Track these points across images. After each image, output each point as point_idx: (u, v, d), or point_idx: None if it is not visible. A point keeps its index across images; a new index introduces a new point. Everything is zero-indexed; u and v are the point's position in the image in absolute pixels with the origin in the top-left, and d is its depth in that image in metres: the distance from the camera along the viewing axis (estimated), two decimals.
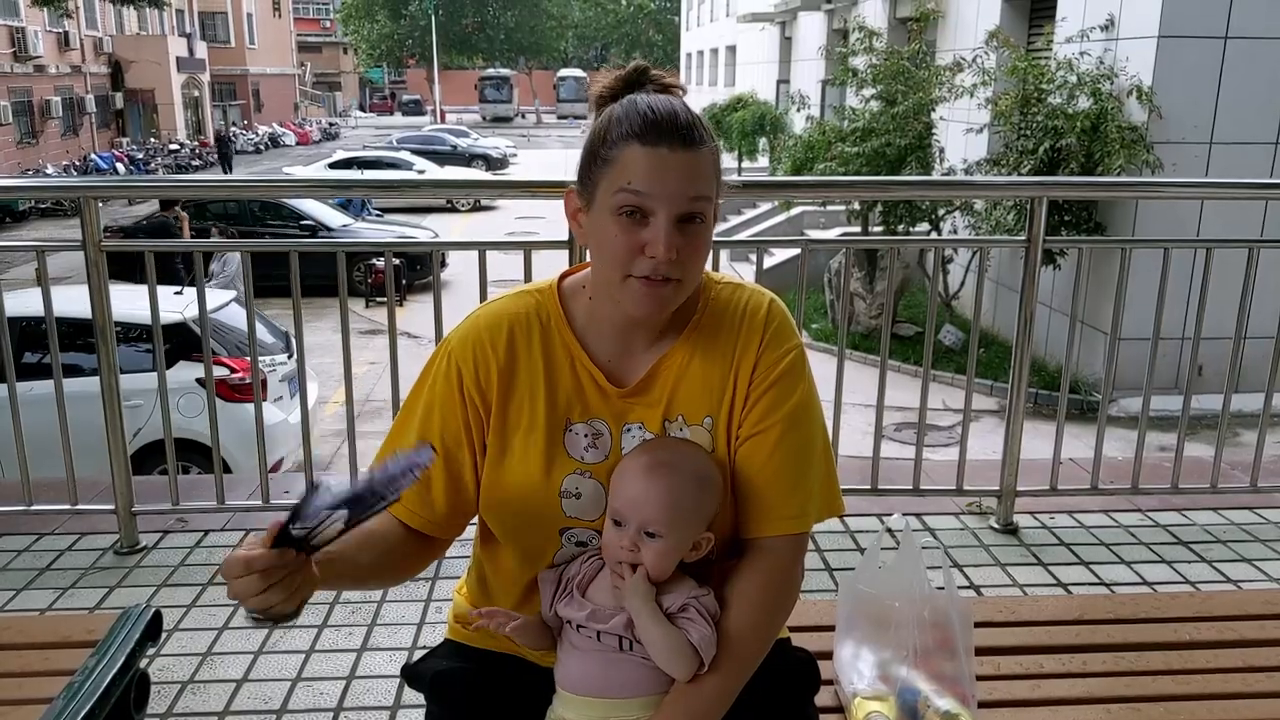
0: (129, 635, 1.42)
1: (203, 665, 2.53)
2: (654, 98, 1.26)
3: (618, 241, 1.23)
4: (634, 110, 1.24)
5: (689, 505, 1.26)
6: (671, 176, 1.21)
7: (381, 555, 1.32)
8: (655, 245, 1.21)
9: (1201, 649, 1.84)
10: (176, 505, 3.22)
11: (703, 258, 1.28)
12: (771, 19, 23.09)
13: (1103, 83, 9.13)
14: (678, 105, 1.26)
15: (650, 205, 1.22)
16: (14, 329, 3.29)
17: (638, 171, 1.21)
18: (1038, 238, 3.07)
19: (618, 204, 1.23)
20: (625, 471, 1.29)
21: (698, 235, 1.25)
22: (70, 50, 32.66)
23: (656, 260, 1.22)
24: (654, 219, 1.22)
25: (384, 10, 58.77)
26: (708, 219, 1.26)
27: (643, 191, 1.21)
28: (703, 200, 1.24)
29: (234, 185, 6.13)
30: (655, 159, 1.21)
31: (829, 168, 10.93)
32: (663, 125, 1.22)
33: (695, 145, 1.23)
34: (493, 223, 20.56)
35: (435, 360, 1.37)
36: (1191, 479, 3.42)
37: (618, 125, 1.24)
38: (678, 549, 1.27)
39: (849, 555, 3.13)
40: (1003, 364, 9.22)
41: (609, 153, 1.24)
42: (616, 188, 1.22)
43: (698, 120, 1.25)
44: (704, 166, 1.24)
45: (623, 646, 1.28)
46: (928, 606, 1.56)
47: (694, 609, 1.26)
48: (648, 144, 1.21)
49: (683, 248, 1.23)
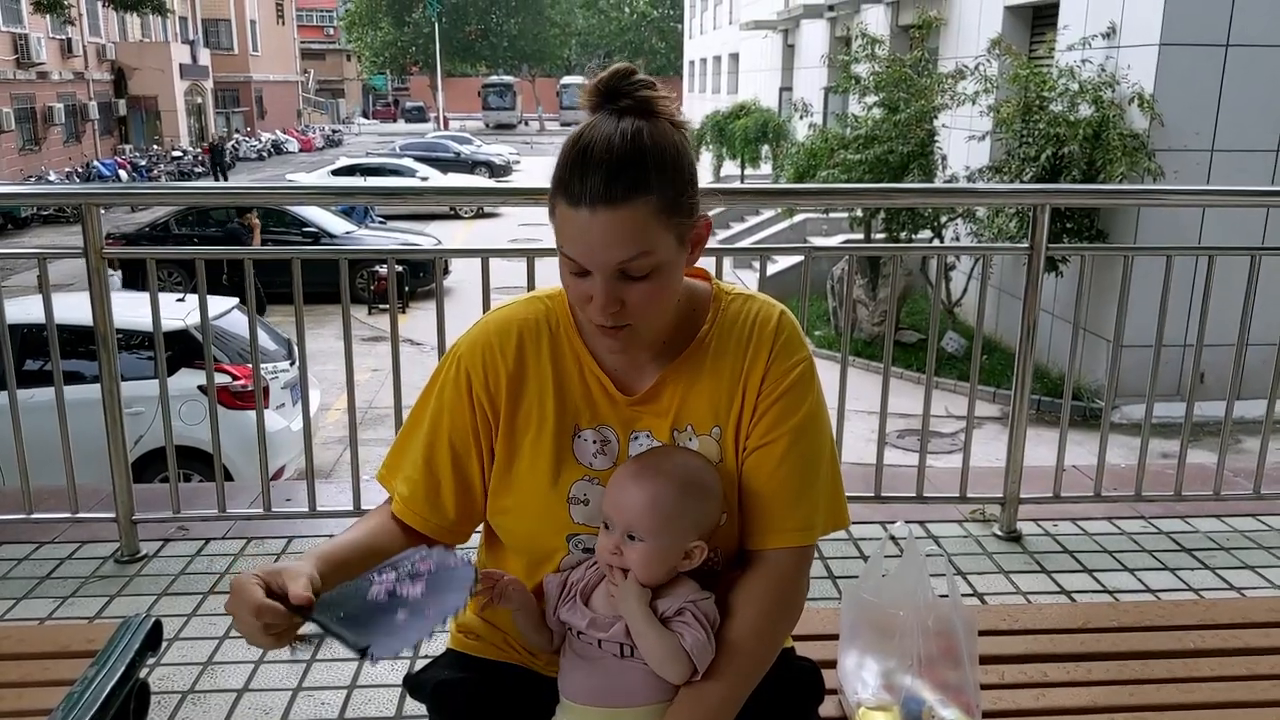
0: (129, 645, 1.42)
1: (203, 675, 2.52)
2: (598, 135, 1.19)
3: (571, 289, 1.25)
4: (569, 155, 1.20)
5: (670, 510, 1.25)
6: (596, 241, 1.18)
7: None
8: (598, 299, 1.21)
9: (1206, 657, 1.83)
10: (177, 513, 3.21)
11: (657, 303, 1.24)
12: (774, 27, 23.13)
13: (1104, 90, 9.14)
14: (617, 146, 1.17)
15: (585, 265, 1.20)
16: (15, 336, 3.29)
17: (567, 234, 1.20)
18: (1040, 245, 3.07)
19: (562, 257, 1.23)
20: (615, 476, 1.30)
21: (643, 285, 1.21)
22: (73, 57, 32.76)
23: (603, 312, 1.22)
24: (593, 277, 1.21)
25: (387, 17, 58.91)
26: (657, 265, 1.21)
27: (572, 256, 1.21)
28: (638, 257, 1.19)
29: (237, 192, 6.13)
30: (580, 222, 1.17)
31: (831, 175, 10.93)
32: (588, 183, 1.16)
33: (619, 203, 1.16)
34: (496, 230, 20.58)
35: (444, 366, 1.37)
36: (1195, 486, 3.41)
37: (557, 169, 1.21)
38: (660, 554, 1.26)
39: (852, 563, 3.12)
40: (1005, 371, 9.21)
41: (551, 200, 1.22)
42: (559, 241, 1.22)
43: (642, 159, 1.17)
44: (633, 223, 1.17)
45: (624, 654, 1.28)
46: (932, 615, 1.55)
47: (690, 613, 1.26)
48: (572, 203, 1.18)
49: (629, 298, 1.21)
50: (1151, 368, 3.24)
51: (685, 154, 1.24)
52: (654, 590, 1.27)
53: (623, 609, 1.26)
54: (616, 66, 1.25)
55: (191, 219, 14.58)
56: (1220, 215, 8.49)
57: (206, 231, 14.57)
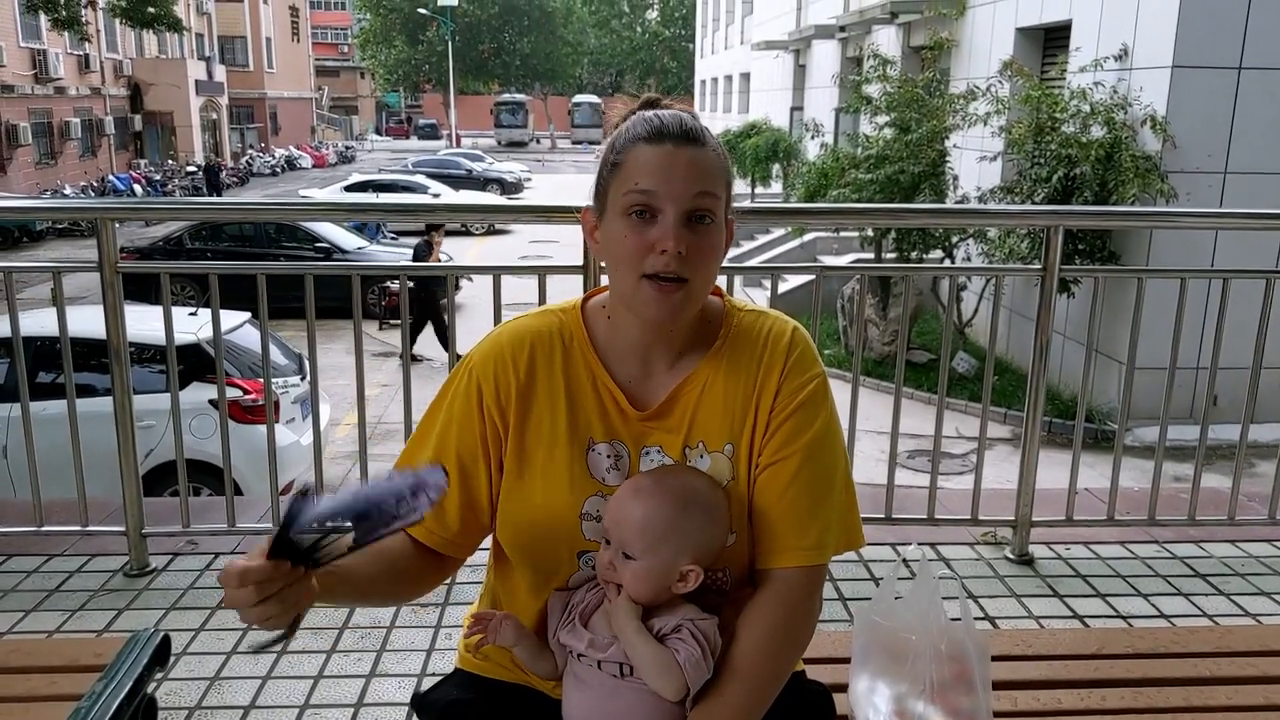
0: (137, 660, 1.41)
1: (210, 690, 2.52)
2: (661, 110, 1.31)
3: (628, 241, 1.25)
4: (640, 118, 1.30)
5: (662, 530, 1.25)
6: (676, 172, 1.24)
7: (387, 570, 1.30)
8: (664, 240, 1.22)
9: (1222, 685, 1.81)
10: (187, 527, 3.21)
11: (713, 260, 1.28)
12: (785, 47, 23.20)
13: (1116, 112, 9.13)
14: (684, 114, 1.29)
15: (658, 203, 1.23)
16: (28, 348, 3.30)
17: (644, 169, 1.24)
18: (1053, 267, 3.06)
19: (627, 205, 1.25)
20: (619, 491, 1.30)
21: (707, 235, 1.26)
22: (90, 72, 33.04)
23: (666, 255, 1.22)
24: (662, 216, 1.24)
25: (401, 36, 59.33)
26: (717, 219, 1.27)
27: (649, 189, 1.24)
28: (709, 197, 1.25)
29: (250, 208, 6.16)
30: (660, 155, 1.24)
31: (842, 194, 10.92)
32: (668, 126, 1.26)
33: (700, 143, 1.26)
34: (507, 246, 20.63)
35: (456, 377, 1.37)
36: (1208, 511, 3.39)
37: (626, 133, 1.28)
38: (651, 572, 1.25)
39: (864, 585, 3.10)
40: (1016, 391, 9.17)
41: (618, 157, 1.27)
42: (625, 189, 1.25)
43: (705, 130, 1.29)
44: (710, 164, 1.26)
45: (622, 674, 1.27)
46: (944, 639, 1.53)
47: (687, 630, 1.25)
48: (653, 142, 1.26)
49: (691, 245, 1.24)
50: (1165, 390, 3.22)
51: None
52: (652, 609, 1.27)
53: (615, 624, 1.26)
54: (647, 96, 1.37)
55: (205, 234, 14.67)
56: (1234, 237, 8.45)
57: (220, 246, 14.65)
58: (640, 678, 1.25)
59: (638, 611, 1.25)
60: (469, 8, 57.31)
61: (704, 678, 1.24)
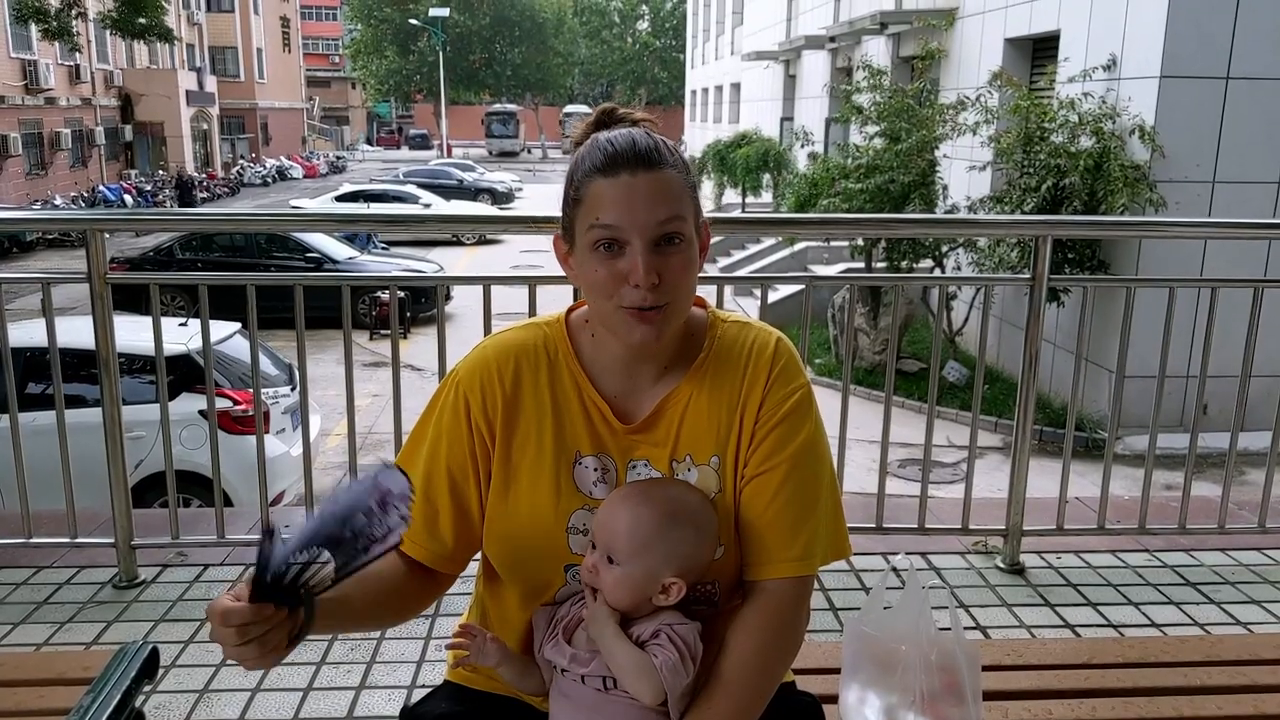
0: (125, 673, 1.40)
1: (199, 704, 2.50)
2: (613, 132, 1.27)
3: (599, 274, 1.24)
4: (594, 147, 1.26)
5: (647, 538, 1.24)
6: (636, 203, 1.22)
7: (381, 594, 1.29)
8: (634, 274, 1.21)
9: (1213, 694, 1.81)
10: (176, 539, 3.20)
11: (688, 277, 1.27)
12: (776, 57, 23.30)
13: (1105, 122, 9.18)
14: (637, 134, 1.26)
15: (622, 235, 1.22)
16: (17, 359, 3.29)
17: (604, 204, 1.23)
18: (1043, 276, 3.07)
19: (592, 240, 1.24)
20: (609, 497, 1.30)
21: (679, 254, 1.25)
22: (81, 83, 32.96)
23: (640, 290, 1.21)
24: (629, 248, 1.22)
25: (393, 46, 59.40)
26: (687, 235, 1.25)
27: (611, 224, 1.22)
28: (675, 220, 1.24)
29: (240, 219, 6.15)
30: (618, 188, 1.22)
31: (833, 204, 10.97)
32: (620, 154, 1.23)
33: (656, 166, 1.23)
34: (497, 256, 20.64)
35: (442, 392, 1.37)
36: (1198, 519, 3.39)
37: (581, 164, 1.26)
38: (629, 579, 1.25)
39: (854, 595, 3.10)
40: (1007, 400, 9.19)
41: (577, 193, 1.26)
42: (589, 224, 1.24)
43: (660, 144, 1.26)
44: (669, 185, 1.24)
45: (606, 687, 1.26)
46: (934, 649, 1.53)
47: (665, 634, 1.24)
48: (608, 175, 1.23)
49: (664, 270, 1.23)
50: (1155, 398, 3.24)
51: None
52: (633, 617, 1.26)
53: (592, 630, 1.26)
54: (602, 106, 1.34)
55: (195, 244, 14.64)
56: (1222, 246, 8.51)
57: (210, 257, 14.62)
58: (624, 689, 1.25)
59: (615, 617, 1.25)
60: (460, 18, 57.39)
61: (682, 682, 1.23)
